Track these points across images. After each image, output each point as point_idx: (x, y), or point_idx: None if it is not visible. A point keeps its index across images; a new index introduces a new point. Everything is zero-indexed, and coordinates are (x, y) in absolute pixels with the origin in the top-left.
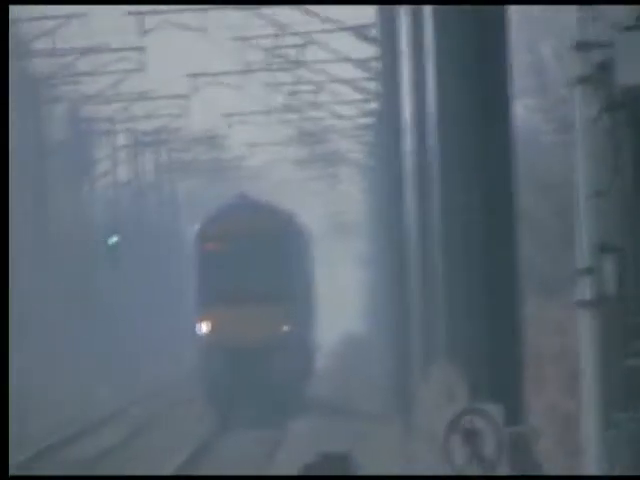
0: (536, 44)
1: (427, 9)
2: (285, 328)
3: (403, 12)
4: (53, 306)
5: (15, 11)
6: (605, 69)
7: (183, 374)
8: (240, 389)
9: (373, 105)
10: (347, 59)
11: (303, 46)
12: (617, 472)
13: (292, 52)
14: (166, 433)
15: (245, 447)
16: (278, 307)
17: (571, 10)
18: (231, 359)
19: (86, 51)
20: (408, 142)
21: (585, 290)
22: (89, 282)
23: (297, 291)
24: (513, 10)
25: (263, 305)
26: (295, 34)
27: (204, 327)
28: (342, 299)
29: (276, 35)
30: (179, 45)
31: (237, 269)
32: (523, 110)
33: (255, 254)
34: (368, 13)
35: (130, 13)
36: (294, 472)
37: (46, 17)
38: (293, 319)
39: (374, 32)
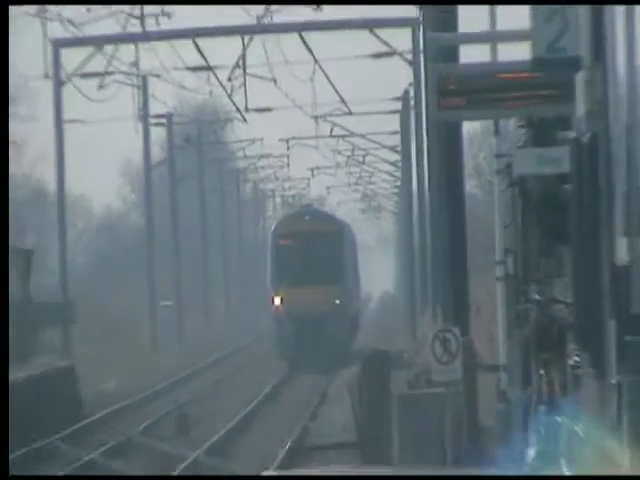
0: (475, 153)
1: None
2: (337, 302)
3: (414, 129)
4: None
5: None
6: (509, 166)
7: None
8: (304, 346)
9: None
10: (384, 147)
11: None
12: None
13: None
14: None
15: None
16: (332, 287)
17: (491, 136)
18: (297, 324)
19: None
20: (414, 199)
21: (500, 271)
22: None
23: (346, 275)
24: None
25: (321, 285)
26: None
27: (277, 300)
28: (383, 276)
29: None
30: (278, 120)
31: (302, 258)
32: (469, 187)
33: (316, 247)
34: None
35: None
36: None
37: None
38: (343, 295)
39: (398, 146)
